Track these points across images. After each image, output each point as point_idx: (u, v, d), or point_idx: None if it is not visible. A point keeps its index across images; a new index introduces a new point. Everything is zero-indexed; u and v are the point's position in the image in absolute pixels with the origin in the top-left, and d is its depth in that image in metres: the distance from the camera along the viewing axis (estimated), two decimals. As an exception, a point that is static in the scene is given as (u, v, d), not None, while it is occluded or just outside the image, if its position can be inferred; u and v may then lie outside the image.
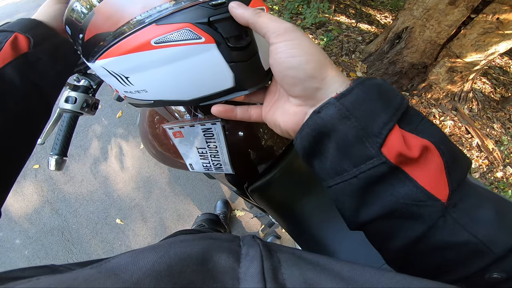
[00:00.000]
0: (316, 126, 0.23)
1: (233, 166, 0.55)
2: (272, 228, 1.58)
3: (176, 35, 0.26)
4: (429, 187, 0.19)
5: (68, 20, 0.31)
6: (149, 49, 0.26)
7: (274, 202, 0.71)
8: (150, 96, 0.31)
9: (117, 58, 0.28)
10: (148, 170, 1.86)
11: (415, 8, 1.92)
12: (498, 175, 1.95)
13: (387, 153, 0.20)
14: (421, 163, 0.20)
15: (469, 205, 0.20)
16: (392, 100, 0.21)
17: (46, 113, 0.37)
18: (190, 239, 0.24)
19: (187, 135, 0.52)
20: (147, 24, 0.26)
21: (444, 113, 2.18)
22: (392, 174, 0.20)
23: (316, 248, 0.67)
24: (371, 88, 0.21)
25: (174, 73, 0.28)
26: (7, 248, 1.67)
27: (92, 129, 2.07)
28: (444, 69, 2.02)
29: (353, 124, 0.21)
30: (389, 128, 0.20)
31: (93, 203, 1.78)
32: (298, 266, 0.21)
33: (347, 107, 0.21)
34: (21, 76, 0.32)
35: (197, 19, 0.26)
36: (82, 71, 0.57)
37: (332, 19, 2.96)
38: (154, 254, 0.19)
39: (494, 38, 1.73)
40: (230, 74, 0.29)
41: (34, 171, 1.89)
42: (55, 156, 0.55)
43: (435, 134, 0.21)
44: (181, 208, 1.74)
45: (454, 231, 0.20)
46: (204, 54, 0.27)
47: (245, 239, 0.27)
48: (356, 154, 0.21)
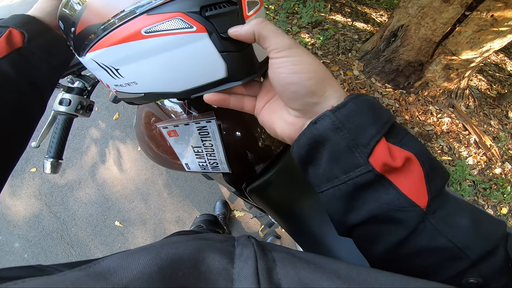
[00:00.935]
0: (312, 135, 0.24)
1: (230, 165, 0.55)
2: (272, 228, 1.57)
3: (167, 25, 0.25)
4: (410, 194, 0.21)
5: (61, 14, 0.31)
6: (140, 39, 0.26)
7: (273, 202, 0.71)
8: (140, 89, 0.31)
9: (107, 49, 0.27)
10: (146, 172, 1.86)
11: (410, 6, 1.93)
12: (496, 172, 1.96)
13: (373, 162, 0.22)
14: (404, 172, 0.22)
15: (446, 213, 0.22)
16: (381, 115, 0.23)
17: (41, 107, 0.38)
18: (183, 240, 0.24)
19: (182, 134, 0.52)
20: (138, 14, 0.25)
21: (441, 110, 2.19)
22: (377, 181, 0.22)
23: (316, 248, 0.67)
24: (363, 103, 0.23)
25: (165, 64, 0.28)
26: (6, 251, 1.67)
27: (89, 132, 2.06)
28: (440, 67, 2.02)
29: (345, 135, 0.22)
30: (377, 140, 0.22)
31: (92, 205, 1.77)
32: (293, 265, 0.21)
33: (340, 119, 0.23)
34: (16, 70, 0.32)
35: (188, 9, 0.25)
36: (76, 73, 0.57)
37: (328, 18, 2.96)
38: (145, 256, 0.19)
39: (488, 36, 1.74)
40: (222, 64, 0.28)
41: (32, 175, 1.88)
42: (51, 159, 0.55)
43: (417, 147, 0.23)
44: (180, 209, 1.74)
45: (432, 236, 0.21)
46: (196, 44, 0.27)
47: (240, 239, 0.27)
48: (346, 162, 0.23)
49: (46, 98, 0.38)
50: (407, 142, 0.23)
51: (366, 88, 2.24)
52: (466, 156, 2.00)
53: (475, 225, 0.21)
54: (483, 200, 1.83)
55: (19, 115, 0.34)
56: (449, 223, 0.22)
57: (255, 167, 0.68)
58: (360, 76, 2.32)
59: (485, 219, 0.23)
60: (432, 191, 0.22)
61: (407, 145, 0.23)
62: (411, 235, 0.22)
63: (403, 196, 0.21)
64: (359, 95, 0.24)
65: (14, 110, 0.33)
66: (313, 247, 0.68)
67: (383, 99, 2.17)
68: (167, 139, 0.53)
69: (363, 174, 0.22)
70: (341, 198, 0.24)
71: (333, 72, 2.32)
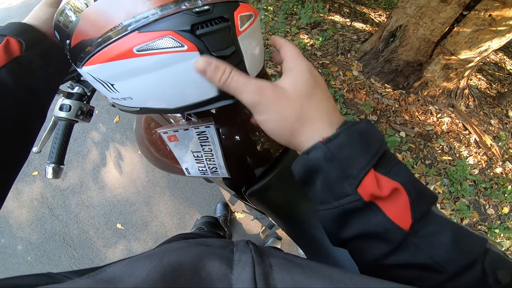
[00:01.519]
0: (305, 165, 0.26)
1: (229, 170, 0.55)
2: (273, 229, 1.58)
3: (159, 43, 0.25)
4: (395, 219, 0.23)
5: (56, 25, 0.31)
6: (132, 57, 0.26)
7: (273, 205, 0.71)
8: (135, 104, 0.31)
9: (101, 65, 0.28)
10: (147, 174, 1.87)
11: (408, 6, 1.93)
12: (497, 171, 1.95)
13: (362, 192, 0.23)
14: (391, 200, 0.23)
15: (428, 231, 0.24)
16: (372, 146, 0.25)
17: (41, 115, 0.38)
18: (184, 246, 0.25)
19: (182, 138, 0.52)
20: (129, 31, 0.25)
21: (441, 110, 2.19)
22: (365, 208, 0.24)
23: (316, 250, 0.67)
24: (354, 134, 0.25)
25: (157, 81, 0.28)
26: (9, 254, 1.68)
27: (90, 135, 2.07)
28: (439, 67, 2.03)
29: (336, 166, 0.24)
30: (365, 172, 0.23)
31: (94, 208, 1.78)
32: (289, 270, 0.23)
33: (332, 151, 0.24)
34: (15, 79, 0.32)
35: (180, 27, 0.25)
36: (75, 78, 0.57)
37: (327, 18, 2.97)
38: (148, 263, 0.20)
39: (487, 35, 1.74)
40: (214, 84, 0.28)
41: (34, 178, 1.89)
42: (52, 164, 0.55)
43: (405, 177, 0.24)
44: (181, 211, 1.74)
45: (413, 253, 0.24)
46: (187, 62, 0.27)
47: (238, 244, 0.28)
48: (337, 190, 0.25)
49: (46, 106, 0.38)
50: (396, 172, 0.24)
51: (366, 88, 2.25)
52: (466, 155, 2.00)
53: (455, 242, 0.23)
54: (484, 200, 1.83)
55: (19, 124, 0.34)
56: (430, 240, 0.24)
57: (255, 170, 0.68)
58: (360, 77, 2.32)
59: (465, 236, 0.24)
60: (416, 215, 0.23)
61: (396, 175, 0.24)
62: (395, 250, 0.24)
63: (388, 220, 0.23)
64: (352, 124, 0.25)
65: (14, 119, 0.33)
66: (313, 249, 0.69)
67: (383, 99, 2.17)
68: (167, 143, 0.54)
69: (352, 202, 0.24)
70: (332, 219, 0.26)
71: (332, 73, 2.33)
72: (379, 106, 2.14)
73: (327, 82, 2.28)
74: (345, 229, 0.26)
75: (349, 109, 2.11)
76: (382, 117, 2.10)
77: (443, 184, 1.84)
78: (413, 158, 1.94)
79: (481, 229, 1.73)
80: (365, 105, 2.10)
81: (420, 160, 1.94)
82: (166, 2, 0.26)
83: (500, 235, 1.71)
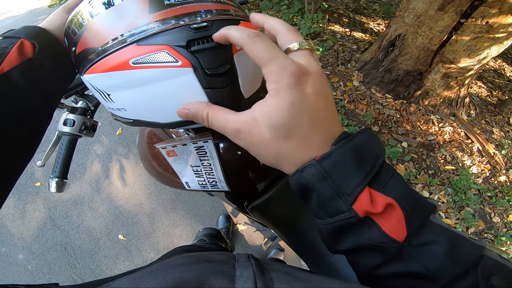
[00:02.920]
0: (299, 183, 0.26)
1: (230, 184, 0.55)
2: (275, 241, 1.56)
3: (154, 57, 0.26)
4: (390, 232, 0.23)
5: (66, 32, 0.32)
6: (127, 69, 0.26)
7: (275, 219, 0.71)
8: (129, 115, 0.31)
9: (99, 75, 0.28)
10: (150, 186, 1.87)
11: (406, 15, 1.95)
12: (501, 179, 1.93)
13: (357, 209, 0.23)
14: (385, 215, 0.24)
15: (423, 241, 0.24)
16: (367, 162, 0.24)
17: (48, 117, 0.39)
18: (187, 262, 0.26)
19: (181, 153, 0.53)
20: (128, 43, 0.26)
21: (442, 119, 2.18)
22: (360, 223, 0.24)
23: (319, 262, 0.67)
24: (348, 152, 0.24)
25: (150, 95, 0.28)
26: (10, 263, 1.68)
27: (93, 147, 2.09)
28: (439, 75, 2.03)
29: (330, 185, 0.24)
30: (360, 190, 0.23)
31: (95, 219, 1.78)
32: (290, 284, 0.23)
33: (326, 169, 0.24)
34: (26, 80, 0.33)
35: (176, 42, 0.26)
36: (79, 93, 0.58)
37: (327, 29, 3.01)
38: (153, 280, 0.21)
39: (485, 43, 1.75)
40: (206, 100, 0.28)
41: (36, 189, 1.90)
42: (56, 178, 0.56)
43: (399, 191, 0.24)
44: (183, 223, 1.74)
45: (407, 263, 0.24)
46: (180, 78, 0.27)
47: (240, 259, 0.28)
48: (332, 207, 0.25)
49: (53, 108, 0.40)
50: (390, 187, 0.24)
51: (367, 99, 2.25)
52: (469, 164, 1.99)
53: (449, 251, 0.23)
54: (489, 208, 1.81)
55: (28, 124, 0.35)
56: (424, 250, 0.24)
57: (257, 185, 0.68)
58: (360, 87, 2.34)
59: (462, 244, 0.24)
60: (411, 228, 0.24)
61: (390, 190, 0.24)
62: (389, 261, 0.25)
63: (384, 234, 0.23)
64: (347, 141, 0.25)
65: (23, 118, 0.33)
66: (315, 262, 0.68)
67: (384, 110, 2.18)
68: (166, 158, 0.54)
69: (347, 219, 0.24)
70: (328, 233, 0.26)
71: (333, 83, 2.34)
72: (380, 117, 2.14)
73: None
74: (341, 242, 0.26)
75: (351, 120, 2.12)
76: (383, 127, 2.10)
77: (447, 194, 1.83)
78: (416, 168, 1.92)
79: (487, 237, 1.71)
80: (366, 116, 2.11)
81: (423, 170, 1.92)
82: (167, 16, 0.26)
83: (507, 242, 1.69)
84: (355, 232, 0.25)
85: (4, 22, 3.92)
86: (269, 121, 0.24)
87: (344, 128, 0.27)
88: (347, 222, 0.24)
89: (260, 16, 0.28)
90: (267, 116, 0.24)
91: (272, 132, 0.24)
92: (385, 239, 0.23)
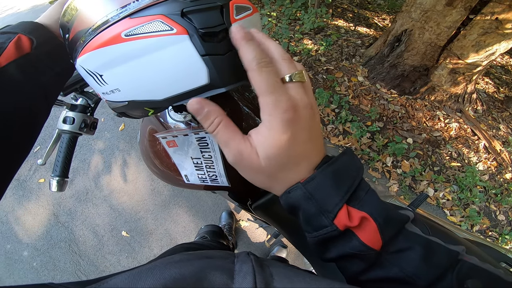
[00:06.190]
0: (288, 202, 0.29)
1: (230, 180, 0.54)
2: (278, 238, 1.56)
3: (147, 27, 0.25)
4: (368, 242, 0.26)
5: (61, 22, 0.31)
6: (120, 42, 0.25)
7: (278, 217, 0.71)
8: (123, 97, 0.30)
9: (90, 54, 0.27)
10: (152, 182, 1.87)
11: (412, 10, 1.92)
12: (507, 177, 1.91)
13: (337, 223, 0.26)
14: (362, 227, 0.27)
15: (398, 249, 0.27)
16: (345, 183, 0.28)
17: (46, 112, 0.39)
18: (186, 259, 0.26)
19: (181, 144, 0.51)
20: (121, 18, 0.25)
21: (448, 115, 2.15)
22: (342, 235, 0.27)
23: None
24: (328, 175, 0.27)
25: (145, 68, 0.27)
26: (15, 260, 1.70)
27: (95, 143, 2.09)
28: (446, 71, 2.00)
29: (314, 204, 0.27)
30: (339, 207, 0.26)
31: (99, 216, 1.79)
32: (289, 279, 0.24)
33: (309, 191, 0.27)
34: (24, 74, 0.33)
35: (170, 11, 0.25)
36: (79, 90, 0.57)
37: (331, 23, 2.97)
38: (150, 276, 0.21)
39: (494, 38, 1.73)
40: (204, 69, 0.26)
41: (40, 185, 1.91)
42: (56, 177, 0.55)
43: (372, 206, 0.27)
44: (186, 219, 1.74)
45: (387, 268, 0.27)
46: (176, 46, 0.25)
47: (239, 256, 0.29)
48: (316, 222, 0.28)
49: (51, 104, 0.40)
50: (365, 203, 0.27)
51: (371, 94, 2.23)
52: (475, 161, 1.96)
53: (424, 256, 0.26)
54: (494, 206, 1.79)
55: (26, 117, 0.34)
56: (400, 256, 0.27)
57: None
58: (365, 82, 2.31)
59: (436, 249, 0.28)
60: (385, 237, 0.26)
61: (364, 205, 0.27)
62: (371, 267, 0.28)
63: (362, 244, 0.26)
64: (328, 166, 0.28)
65: (21, 113, 0.33)
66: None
67: (389, 105, 2.15)
68: (166, 149, 0.53)
69: (329, 232, 0.27)
70: (315, 244, 0.30)
71: (337, 78, 2.32)
72: (385, 112, 2.12)
73: (332, 89, 2.27)
74: (329, 251, 0.29)
75: (355, 115, 2.10)
76: (388, 123, 2.07)
77: (452, 191, 1.81)
78: (421, 165, 1.90)
79: (492, 235, 1.70)
80: (371, 111, 2.08)
81: (429, 167, 1.90)
82: None
83: (511, 241, 1.67)
84: (339, 242, 0.28)
85: (6, 19, 3.95)
86: (265, 152, 0.26)
87: (324, 153, 0.30)
88: (330, 235, 0.27)
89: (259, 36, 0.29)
90: (263, 147, 0.26)
91: (267, 162, 0.27)
92: (363, 248, 0.26)
